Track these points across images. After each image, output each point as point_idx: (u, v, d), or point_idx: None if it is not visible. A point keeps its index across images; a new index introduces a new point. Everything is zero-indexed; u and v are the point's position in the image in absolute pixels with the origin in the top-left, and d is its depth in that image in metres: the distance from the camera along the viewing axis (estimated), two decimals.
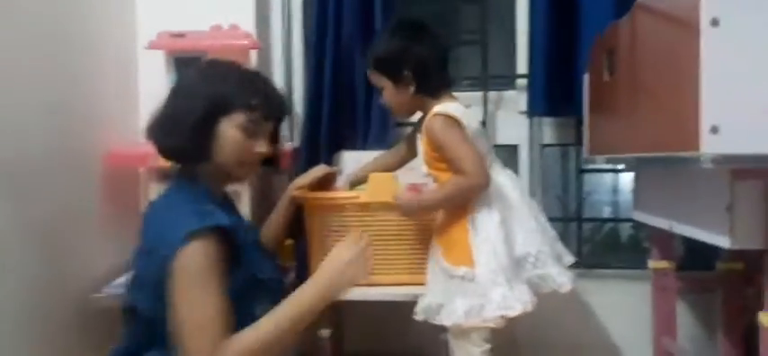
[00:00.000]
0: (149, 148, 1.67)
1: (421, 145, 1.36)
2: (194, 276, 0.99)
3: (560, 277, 1.32)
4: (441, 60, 1.35)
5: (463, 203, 1.29)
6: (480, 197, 1.28)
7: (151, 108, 1.86)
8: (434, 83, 1.34)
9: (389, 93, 1.35)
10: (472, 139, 1.29)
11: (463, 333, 1.30)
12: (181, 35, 1.70)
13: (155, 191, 1.68)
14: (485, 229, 1.27)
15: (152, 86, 1.86)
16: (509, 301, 1.23)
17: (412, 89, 1.32)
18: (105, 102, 1.78)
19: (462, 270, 1.27)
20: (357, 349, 1.86)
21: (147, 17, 1.88)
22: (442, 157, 1.31)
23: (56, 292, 1.52)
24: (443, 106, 1.31)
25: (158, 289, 1.00)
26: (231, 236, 1.05)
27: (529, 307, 1.24)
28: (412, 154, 1.46)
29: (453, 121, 1.29)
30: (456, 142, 1.28)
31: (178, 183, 1.15)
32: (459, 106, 1.32)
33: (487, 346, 1.30)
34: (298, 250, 1.61)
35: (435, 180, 1.35)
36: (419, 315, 1.32)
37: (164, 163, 1.54)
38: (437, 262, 1.33)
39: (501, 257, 1.25)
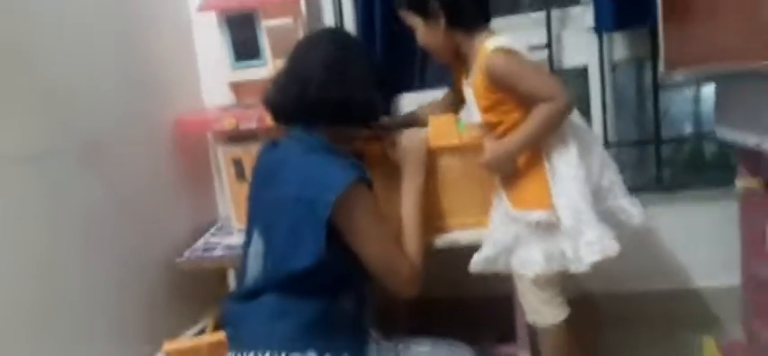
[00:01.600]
0: (213, 113, 1.72)
1: (473, 90, 1.29)
2: (373, 210, 1.17)
3: (633, 208, 1.25)
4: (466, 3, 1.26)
5: (552, 132, 1.22)
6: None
7: (210, 71, 1.92)
8: (468, 16, 1.26)
9: (422, 33, 1.30)
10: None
11: (539, 281, 1.26)
12: None
13: (223, 153, 1.73)
14: (565, 166, 1.21)
15: (208, 49, 1.90)
16: (605, 242, 1.17)
17: (442, 23, 1.26)
18: (168, 69, 1.83)
19: (538, 213, 1.21)
20: (430, 295, 1.87)
21: None
22: (507, 97, 1.24)
23: (143, 257, 1.62)
24: (495, 41, 1.23)
25: (318, 235, 1.10)
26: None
27: (617, 247, 1.18)
28: (459, 103, 1.42)
29: (514, 53, 1.22)
30: (528, 71, 1.21)
31: (306, 139, 1.22)
32: (507, 38, 1.24)
33: (560, 292, 1.27)
34: None
35: (494, 126, 1.28)
36: (477, 267, 1.29)
37: (229, 126, 1.61)
38: (504, 209, 1.28)
39: (586, 195, 1.19)
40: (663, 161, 1.81)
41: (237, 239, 1.68)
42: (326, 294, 1.16)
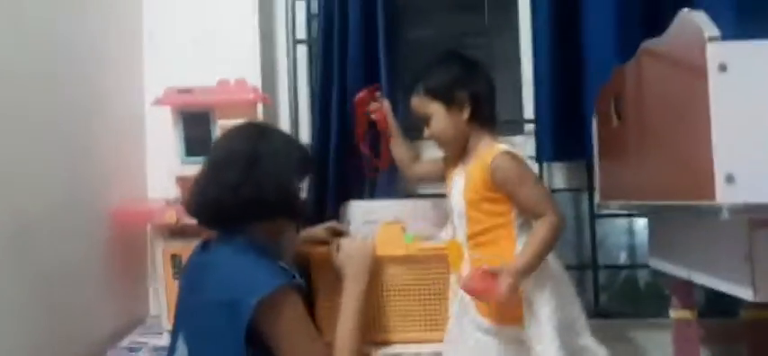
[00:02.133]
0: (155, 205, 1.67)
1: (467, 179, 1.28)
2: (301, 316, 1.14)
3: (598, 348, 1.24)
4: (492, 95, 1.33)
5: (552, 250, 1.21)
6: None
7: (159, 163, 1.88)
8: (486, 115, 1.31)
9: (439, 119, 1.30)
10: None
11: None
12: (188, 91, 1.70)
13: (162, 247, 1.67)
14: (541, 279, 1.19)
15: (159, 142, 1.88)
16: None
17: (466, 115, 1.29)
18: (113, 158, 1.79)
19: (515, 329, 1.20)
20: None
21: (154, 74, 1.90)
22: (498, 198, 1.23)
23: (61, 352, 1.49)
24: (504, 145, 1.27)
25: (238, 341, 1.05)
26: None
27: None
28: (437, 179, 1.46)
29: (521, 160, 1.25)
30: (532, 181, 1.24)
31: (235, 240, 1.19)
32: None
33: None
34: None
35: (471, 222, 1.27)
36: None
37: (170, 220, 1.57)
38: (471, 320, 1.26)
39: (558, 315, 1.17)
40: (599, 287, 1.87)
41: (167, 341, 1.58)
42: None
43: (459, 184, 1.31)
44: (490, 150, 1.26)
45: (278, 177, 1.21)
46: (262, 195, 1.18)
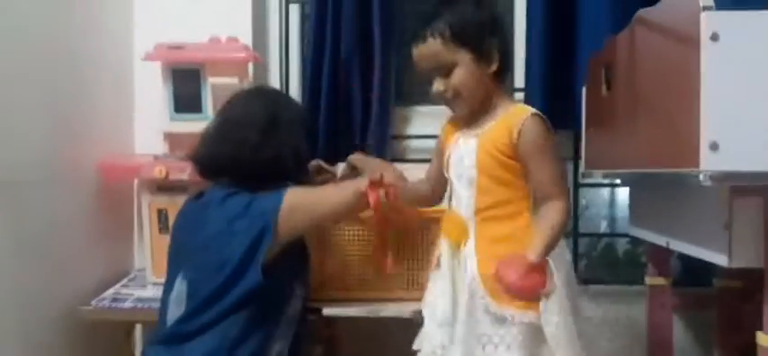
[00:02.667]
0: (143, 159, 1.67)
1: (476, 146, 1.12)
2: (309, 193, 1.25)
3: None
4: (510, 57, 1.19)
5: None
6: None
7: (146, 119, 1.87)
8: (507, 73, 1.18)
9: (465, 70, 1.09)
10: None
11: None
12: (179, 47, 1.68)
13: (148, 202, 1.67)
14: (557, 263, 1.07)
15: (148, 97, 1.86)
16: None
17: (493, 67, 1.11)
18: (101, 112, 1.77)
19: (530, 315, 1.04)
20: None
21: (145, 28, 1.87)
22: (514, 168, 1.09)
23: (46, 303, 1.50)
24: (532, 109, 1.12)
25: (258, 250, 1.14)
26: None
27: None
28: (442, 187, 1.26)
29: (552, 131, 1.10)
30: (557, 157, 1.10)
31: (234, 189, 1.25)
32: None
33: None
34: None
35: (481, 193, 1.12)
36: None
37: (159, 175, 1.57)
38: (481, 304, 1.09)
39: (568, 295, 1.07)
40: (579, 255, 1.92)
41: (151, 293, 1.59)
42: (256, 337, 1.12)
43: (468, 149, 1.13)
44: (521, 110, 1.11)
45: (296, 143, 1.28)
46: (280, 159, 1.24)
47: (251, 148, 1.22)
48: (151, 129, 1.79)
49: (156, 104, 1.75)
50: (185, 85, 1.72)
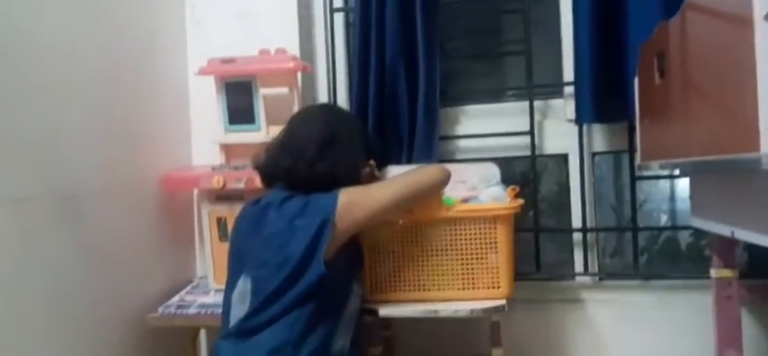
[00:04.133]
0: (201, 171, 1.74)
1: None
2: (361, 191, 1.33)
3: None
4: None
5: None
6: None
7: (202, 131, 1.96)
8: None
9: None
10: None
11: None
12: (231, 61, 1.75)
13: (208, 211, 1.74)
14: None
15: (203, 111, 1.94)
16: None
17: None
18: (160, 127, 1.86)
19: None
20: None
21: (197, 45, 1.96)
22: None
23: (115, 311, 1.59)
24: None
25: (318, 244, 1.21)
26: None
27: None
28: None
29: None
30: None
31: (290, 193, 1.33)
32: None
33: None
34: None
35: None
36: None
37: (217, 185, 1.63)
38: None
39: None
40: (640, 249, 1.86)
41: (214, 299, 1.66)
42: (320, 332, 1.15)
43: None
44: None
45: (349, 159, 1.36)
46: (334, 172, 1.32)
47: (307, 162, 1.31)
48: (207, 142, 1.86)
49: (211, 117, 1.82)
50: (238, 98, 1.78)
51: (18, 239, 1.29)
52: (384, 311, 1.45)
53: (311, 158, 1.31)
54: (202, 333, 1.84)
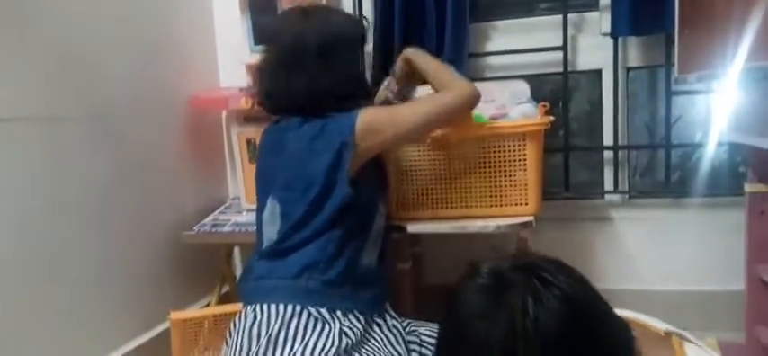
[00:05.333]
0: (229, 92, 1.74)
1: None
2: (382, 111, 1.28)
3: None
4: None
5: None
6: None
7: (228, 52, 1.94)
8: None
9: None
10: None
11: None
12: None
13: (237, 133, 1.75)
14: None
15: (227, 30, 1.92)
16: None
17: None
18: (186, 46, 1.86)
19: None
20: (436, 282, 1.89)
21: None
22: None
23: (151, 229, 1.64)
24: None
25: (340, 165, 1.17)
26: None
27: None
28: None
29: None
30: None
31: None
32: None
33: None
34: None
35: None
36: None
37: (245, 106, 1.63)
38: None
39: None
40: (672, 167, 1.82)
41: (246, 218, 1.70)
42: (349, 250, 1.18)
43: None
44: None
45: (350, 68, 1.26)
46: (336, 88, 1.22)
47: (305, 83, 1.21)
48: (233, 62, 1.86)
49: (236, 37, 1.80)
50: (263, 16, 1.75)
51: (54, 155, 1.33)
52: (412, 228, 1.47)
53: (309, 77, 1.20)
54: (236, 250, 1.90)
